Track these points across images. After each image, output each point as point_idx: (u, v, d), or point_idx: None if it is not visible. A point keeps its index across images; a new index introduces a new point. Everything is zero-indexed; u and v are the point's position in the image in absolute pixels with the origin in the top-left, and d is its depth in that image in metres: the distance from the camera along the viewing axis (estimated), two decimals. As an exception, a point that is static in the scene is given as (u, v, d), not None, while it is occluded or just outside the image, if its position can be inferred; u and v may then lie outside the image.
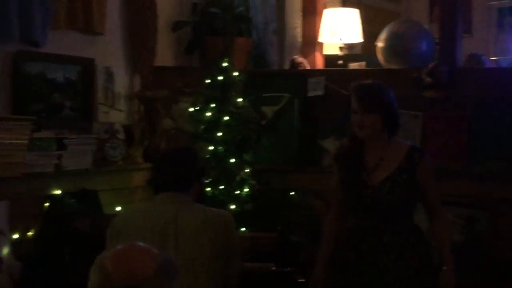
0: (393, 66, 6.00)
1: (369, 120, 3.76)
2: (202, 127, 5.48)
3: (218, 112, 5.46)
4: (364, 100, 3.78)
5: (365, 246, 3.80)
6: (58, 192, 4.81)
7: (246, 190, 5.40)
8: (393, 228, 3.79)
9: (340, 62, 6.75)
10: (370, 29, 8.05)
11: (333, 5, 7.96)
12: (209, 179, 5.30)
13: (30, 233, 4.61)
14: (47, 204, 4.72)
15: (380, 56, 6.16)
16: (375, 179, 3.79)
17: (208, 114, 5.46)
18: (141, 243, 2.20)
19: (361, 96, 3.80)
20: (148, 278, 2.06)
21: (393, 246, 3.77)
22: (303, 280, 4.82)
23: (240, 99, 5.58)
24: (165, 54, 6.28)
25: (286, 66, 7.11)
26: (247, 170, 5.47)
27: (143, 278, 2.06)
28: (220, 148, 5.40)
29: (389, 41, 6.06)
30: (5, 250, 4.33)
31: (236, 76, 5.58)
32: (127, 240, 3.35)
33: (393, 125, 3.83)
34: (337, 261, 3.97)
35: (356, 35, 7.00)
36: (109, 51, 5.68)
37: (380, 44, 6.14)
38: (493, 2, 8.62)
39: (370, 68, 6.51)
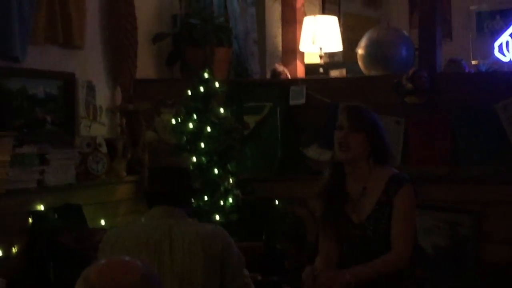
0: (374, 73, 6.02)
1: (355, 139, 3.54)
2: (185, 138, 5.48)
3: (200, 123, 5.46)
4: (353, 117, 3.58)
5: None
6: (42, 207, 4.80)
7: (230, 200, 5.40)
8: None
9: (321, 70, 6.76)
10: (350, 36, 8.08)
11: (313, 13, 7.97)
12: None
13: (14, 249, 4.59)
14: (30, 220, 4.71)
15: (360, 63, 6.18)
16: (360, 215, 3.55)
17: (191, 125, 5.45)
18: (124, 257, 2.21)
19: (351, 113, 3.60)
20: (133, 287, 2.07)
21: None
22: (289, 288, 4.82)
23: (222, 110, 5.58)
24: (146, 66, 6.28)
25: (267, 75, 7.12)
26: (231, 180, 5.47)
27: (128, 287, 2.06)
28: (203, 159, 5.40)
29: (369, 48, 6.08)
30: (-11, 267, 4.31)
31: (217, 86, 5.58)
32: (121, 253, 3.35)
33: (380, 152, 3.60)
34: None
35: (336, 43, 7.01)
36: (89, 65, 5.67)
37: (360, 51, 6.16)
38: (472, 7, 8.66)
39: (351, 75, 6.53)
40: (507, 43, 5.96)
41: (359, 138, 3.55)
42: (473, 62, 7.42)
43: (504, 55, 6.00)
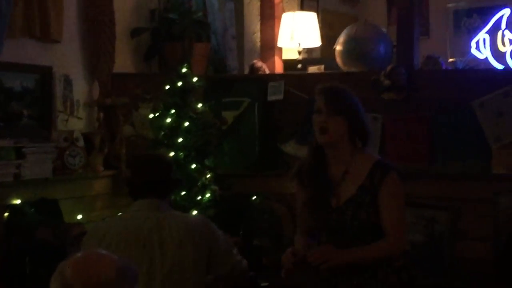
0: (351, 69, 6.03)
1: (335, 122, 3.45)
2: (163, 133, 5.47)
3: (178, 118, 5.46)
4: (331, 100, 3.48)
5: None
6: (18, 201, 4.77)
7: (208, 195, 5.40)
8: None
9: (299, 66, 6.77)
10: (328, 33, 8.09)
11: (291, 9, 7.98)
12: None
13: (-11, 244, 4.57)
14: (6, 214, 4.68)
15: (338, 60, 6.19)
16: (339, 199, 3.48)
17: (168, 120, 5.45)
18: (100, 250, 2.21)
19: (329, 96, 3.50)
20: (107, 283, 2.07)
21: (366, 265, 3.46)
22: (266, 284, 4.83)
23: (200, 105, 5.59)
24: (124, 61, 6.25)
25: (246, 71, 7.12)
26: (209, 176, 5.47)
27: (102, 283, 2.06)
28: (181, 154, 5.40)
29: (347, 44, 6.10)
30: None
31: (195, 81, 5.58)
32: (109, 247, 3.35)
33: (360, 133, 3.53)
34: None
35: (314, 39, 7.03)
36: (67, 59, 5.64)
37: (338, 47, 6.17)
38: (450, 4, 8.71)
39: (329, 71, 6.54)
40: (484, 40, 5.99)
41: (338, 121, 3.47)
42: (450, 60, 7.46)
43: (481, 52, 6.03)
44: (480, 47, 6.02)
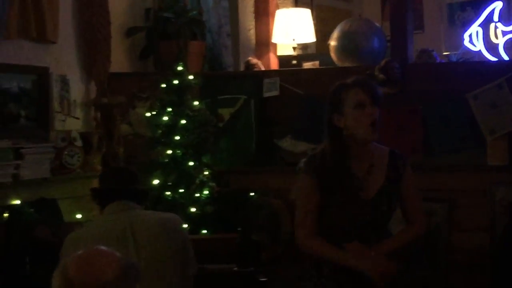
0: (346, 64, 6.06)
1: (378, 114, 3.39)
2: (160, 131, 5.50)
3: (175, 116, 5.48)
4: (374, 92, 3.40)
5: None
6: (17, 202, 4.80)
7: (206, 192, 5.43)
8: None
9: (294, 62, 6.79)
10: (322, 28, 8.12)
11: (285, 5, 8.01)
12: (169, 183, 5.33)
13: (-10, 244, 4.59)
14: (6, 215, 4.71)
15: (333, 55, 6.22)
16: (368, 192, 3.44)
17: (165, 118, 5.47)
18: (104, 247, 2.22)
19: (370, 88, 3.42)
20: (110, 281, 2.08)
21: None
22: (265, 279, 4.85)
23: (196, 102, 5.61)
24: (120, 60, 6.28)
25: (241, 68, 7.14)
26: (206, 173, 5.50)
27: (105, 281, 2.07)
28: (178, 151, 5.42)
29: (341, 39, 6.13)
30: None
31: (191, 79, 5.60)
32: None
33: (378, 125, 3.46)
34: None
35: (309, 35, 7.05)
36: (63, 59, 5.67)
37: (332, 43, 6.20)
38: (444, -2, 8.74)
39: (323, 67, 6.57)
40: (477, 33, 6.02)
41: (378, 113, 3.41)
42: (444, 53, 7.49)
43: (474, 45, 6.05)
44: (473, 40, 6.05)
